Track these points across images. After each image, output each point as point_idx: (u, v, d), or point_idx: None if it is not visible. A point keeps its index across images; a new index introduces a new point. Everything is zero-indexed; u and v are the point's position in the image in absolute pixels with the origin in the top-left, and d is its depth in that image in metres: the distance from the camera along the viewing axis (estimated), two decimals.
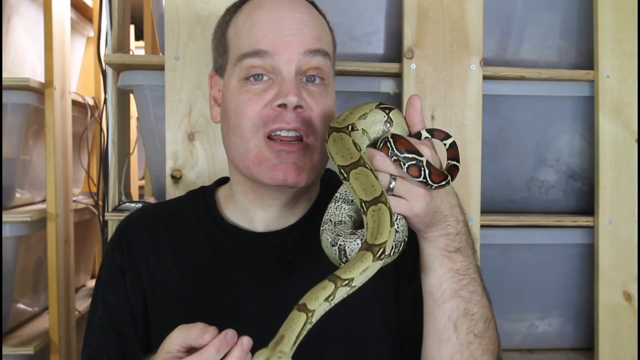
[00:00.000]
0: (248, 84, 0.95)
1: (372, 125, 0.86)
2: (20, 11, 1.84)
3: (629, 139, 1.56)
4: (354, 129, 0.83)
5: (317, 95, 0.96)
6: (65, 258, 1.85)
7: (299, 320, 0.70)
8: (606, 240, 1.55)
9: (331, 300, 0.71)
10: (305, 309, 0.71)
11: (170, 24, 1.43)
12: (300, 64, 0.94)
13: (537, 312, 1.67)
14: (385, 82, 1.55)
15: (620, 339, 1.55)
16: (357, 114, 0.85)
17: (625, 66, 1.56)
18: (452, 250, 0.87)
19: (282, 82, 0.93)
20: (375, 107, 0.86)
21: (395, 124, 0.86)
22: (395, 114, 0.86)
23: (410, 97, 0.87)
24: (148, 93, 1.53)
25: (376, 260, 0.73)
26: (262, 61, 0.94)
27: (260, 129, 0.94)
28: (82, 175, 2.28)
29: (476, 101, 1.51)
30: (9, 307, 1.74)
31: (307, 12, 0.98)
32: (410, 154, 0.78)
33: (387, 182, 0.79)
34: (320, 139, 0.95)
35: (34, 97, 1.73)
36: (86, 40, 2.34)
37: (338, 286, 0.71)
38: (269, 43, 0.94)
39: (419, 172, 0.78)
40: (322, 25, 1.00)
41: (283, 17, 0.95)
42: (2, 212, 1.65)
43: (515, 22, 1.61)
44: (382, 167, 0.79)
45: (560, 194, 1.67)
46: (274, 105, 0.93)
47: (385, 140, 0.80)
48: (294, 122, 0.93)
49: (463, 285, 0.88)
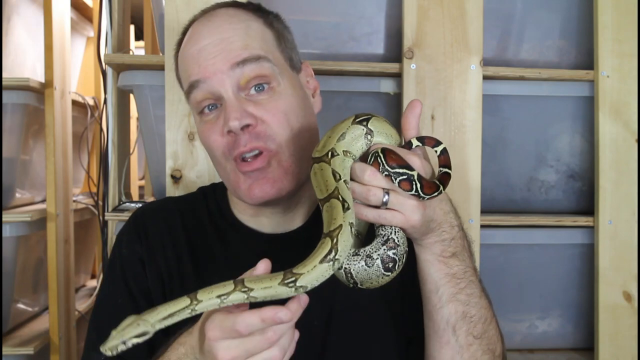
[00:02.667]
0: (204, 116, 0.99)
1: (352, 143, 0.84)
2: (20, 11, 1.84)
3: (629, 139, 1.56)
4: (334, 155, 0.82)
5: (266, 102, 0.95)
6: (65, 258, 1.85)
7: (181, 302, 0.74)
8: (606, 240, 1.55)
9: (224, 300, 0.74)
10: (194, 297, 0.74)
11: (170, 24, 1.43)
12: (234, 79, 0.94)
13: (537, 312, 1.67)
14: (385, 82, 1.55)
15: (620, 339, 1.55)
16: (335, 136, 0.83)
17: (625, 66, 1.56)
18: (448, 256, 0.87)
19: (225, 108, 0.95)
20: (352, 123, 0.84)
21: (376, 133, 0.85)
22: (374, 123, 0.85)
23: (412, 101, 0.86)
24: (148, 93, 1.53)
25: (326, 262, 0.74)
26: (201, 92, 0.96)
27: (228, 156, 0.96)
28: (82, 175, 2.28)
29: (476, 101, 1.51)
30: (9, 307, 1.74)
31: (228, 28, 0.97)
32: (401, 168, 0.79)
33: (381, 197, 0.79)
34: (284, 140, 0.95)
35: (34, 97, 1.73)
36: (86, 40, 2.34)
37: (236, 289, 0.74)
38: (197, 73, 0.96)
39: (411, 186, 0.79)
40: (249, 31, 0.98)
41: (203, 45, 0.97)
42: (2, 212, 1.65)
43: (515, 22, 1.61)
44: (374, 183, 0.79)
45: (560, 194, 1.67)
46: (225, 133, 0.95)
47: (375, 154, 0.80)
48: (249, 142, 0.94)
49: (460, 288, 0.88)
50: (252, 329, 0.73)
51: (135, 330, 0.72)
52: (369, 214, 0.80)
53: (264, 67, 0.96)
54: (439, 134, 1.50)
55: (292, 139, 0.96)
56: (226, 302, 0.74)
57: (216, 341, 0.74)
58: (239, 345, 0.73)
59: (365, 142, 0.84)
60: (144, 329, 0.73)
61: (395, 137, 0.86)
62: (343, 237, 0.74)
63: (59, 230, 1.77)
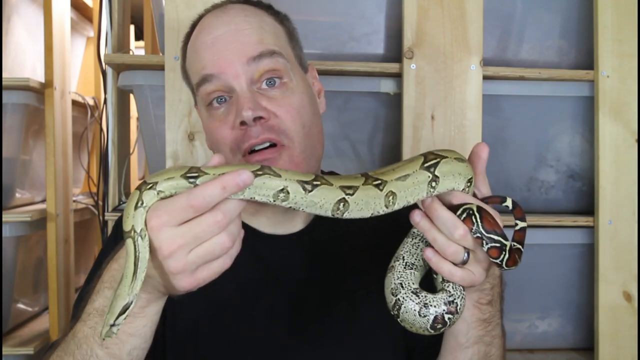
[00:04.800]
0: (212, 109, 0.96)
1: (411, 188, 0.77)
2: (20, 11, 1.84)
3: (629, 139, 1.56)
4: (381, 188, 0.76)
5: (280, 98, 0.94)
6: (65, 258, 1.85)
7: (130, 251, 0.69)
8: (606, 240, 1.55)
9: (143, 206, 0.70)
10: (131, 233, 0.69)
11: (170, 24, 1.43)
12: (249, 74, 0.93)
13: (537, 312, 1.67)
14: (385, 82, 1.55)
15: (620, 339, 1.55)
16: (396, 174, 0.77)
17: (625, 66, 1.55)
18: (485, 303, 0.88)
19: (238, 100, 0.93)
20: (420, 168, 0.77)
21: (443, 178, 0.77)
22: (442, 168, 0.77)
23: (478, 145, 0.83)
24: (148, 93, 1.53)
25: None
26: (213, 85, 0.94)
27: (236, 151, 0.94)
28: (82, 175, 2.28)
29: (476, 101, 1.51)
30: (9, 307, 1.74)
31: (242, 20, 0.96)
32: (496, 235, 0.76)
33: (462, 257, 0.76)
34: (297, 136, 0.94)
35: (34, 97, 1.73)
36: (86, 40, 2.34)
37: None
38: (212, 67, 0.94)
39: (499, 254, 0.76)
40: (264, 25, 0.98)
41: (218, 35, 0.95)
42: (2, 212, 1.65)
43: (515, 22, 1.61)
44: (463, 242, 0.76)
45: (560, 194, 1.67)
46: (236, 125, 0.93)
47: (469, 212, 0.76)
48: (261, 134, 0.92)
49: (487, 331, 0.90)
50: (211, 201, 0.67)
51: (117, 309, 0.69)
52: (444, 268, 0.77)
53: (278, 62, 0.95)
54: (439, 134, 1.50)
55: (303, 136, 0.95)
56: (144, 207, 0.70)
57: (159, 230, 0.68)
58: (187, 232, 0.67)
59: (427, 191, 0.77)
60: (124, 302, 0.69)
61: (464, 173, 0.80)
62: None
63: (59, 230, 1.77)
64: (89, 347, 0.79)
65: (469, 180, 0.80)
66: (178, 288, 0.71)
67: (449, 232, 0.75)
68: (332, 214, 0.74)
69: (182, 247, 0.67)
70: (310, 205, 0.73)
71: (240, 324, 0.97)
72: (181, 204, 0.67)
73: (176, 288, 0.71)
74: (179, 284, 0.70)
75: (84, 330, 0.80)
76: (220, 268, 0.71)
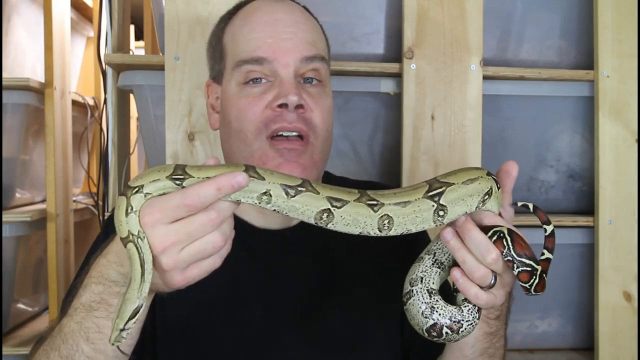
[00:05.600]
0: (247, 87, 0.96)
1: (413, 215, 0.74)
2: (20, 11, 1.84)
3: (629, 139, 1.56)
4: (375, 209, 0.73)
5: (316, 96, 0.97)
6: (65, 258, 1.85)
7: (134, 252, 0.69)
8: (606, 240, 1.55)
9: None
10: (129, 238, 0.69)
11: (170, 24, 1.43)
12: (298, 68, 0.96)
13: (537, 312, 1.67)
14: (385, 82, 1.55)
15: (620, 339, 1.55)
16: (397, 198, 0.74)
17: (625, 66, 1.55)
18: (493, 318, 0.88)
19: (282, 84, 0.94)
20: (423, 197, 0.74)
21: (451, 207, 0.75)
22: (447, 196, 0.75)
23: (508, 163, 0.81)
24: (148, 93, 1.53)
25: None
26: (260, 67, 0.95)
27: (262, 131, 0.94)
28: (82, 175, 2.28)
29: (476, 101, 1.51)
30: (9, 307, 1.73)
31: (301, 15, 1.00)
32: (528, 259, 0.75)
33: (489, 280, 0.75)
34: (321, 136, 0.96)
35: (34, 97, 1.73)
36: (86, 40, 2.34)
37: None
38: (267, 50, 0.95)
39: (530, 279, 0.75)
40: (316, 29, 1.02)
41: (278, 19, 0.96)
42: (2, 212, 1.65)
43: (515, 22, 1.61)
44: (494, 266, 0.74)
45: (560, 194, 1.67)
46: (274, 105, 0.93)
47: (500, 235, 0.74)
48: (295, 121, 0.93)
49: (492, 343, 0.90)
50: (205, 201, 0.67)
51: (127, 313, 0.69)
52: (471, 291, 0.75)
53: (324, 68, 0.99)
54: (439, 134, 1.50)
55: (325, 138, 0.98)
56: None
57: (153, 227, 0.68)
58: (180, 229, 0.67)
59: (433, 220, 0.74)
60: (134, 306, 0.69)
61: (477, 192, 0.76)
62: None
63: (59, 230, 1.77)
64: (75, 341, 0.79)
65: (483, 195, 0.76)
66: (168, 285, 0.71)
67: (480, 255, 0.74)
68: (315, 222, 0.73)
69: (175, 244, 0.67)
70: (292, 210, 0.72)
71: (233, 320, 0.97)
72: (175, 202, 0.67)
73: (166, 285, 0.71)
74: (169, 281, 0.70)
75: (70, 325, 0.80)
76: (210, 267, 0.71)
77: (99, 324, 0.78)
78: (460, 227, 0.75)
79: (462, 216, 0.75)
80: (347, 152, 1.59)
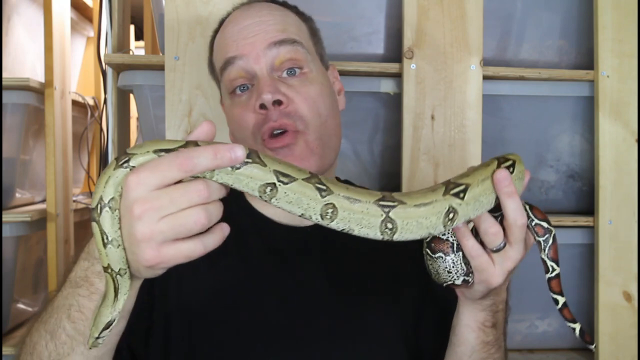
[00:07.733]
0: (235, 97, 1.00)
1: (422, 221, 0.72)
2: (20, 11, 1.84)
3: (629, 139, 1.56)
4: (384, 207, 0.70)
5: (298, 86, 0.98)
6: (65, 258, 1.85)
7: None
8: (606, 240, 1.55)
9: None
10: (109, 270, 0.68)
11: (170, 24, 1.43)
12: (270, 58, 0.97)
13: (537, 312, 1.67)
14: (385, 82, 1.55)
15: (620, 339, 1.55)
16: (414, 201, 0.72)
17: (625, 66, 1.55)
18: (489, 326, 0.89)
19: (258, 84, 0.96)
20: (444, 194, 0.75)
21: (462, 213, 0.76)
22: (462, 208, 0.76)
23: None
24: (148, 93, 1.53)
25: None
26: (236, 69, 0.98)
27: (257, 135, 0.96)
28: (82, 175, 2.28)
29: (476, 101, 1.51)
30: (9, 307, 1.73)
31: (267, 13, 1.01)
32: (545, 222, 0.86)
33: (499, 242, 0.79)
34: (312, 124, 0.97)
35: (34, 97, 1.73)
36: (86, 40, 2.34)
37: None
38: (234, 49, 0.98)
39: (545, 233, 0.88)
40: (288, 19, 1.02)
41: (244, 25, 0.99)
42: (2, 212, 1.65)
43: (515, 22, 1.61)
44: (518, 230, 0.79)
45: (560, 194, 1.67)
46: (256, 109, 0.96)
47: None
48: (279, 118, 0.95)
49: (490, 354, 0.91)
50: (198, 164, 0.62)
51: (101, 325, 0.70)
52: (474, 251, 0.79)
53: (299, 51, 0.98)
54: (439, 134, 1.50)
55: (319, 124, 0.98)
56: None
57: (136, 187, 0.63)
58: (163, 194, 0.62)
59: (442, 226, 0.74)
60: (107, 320, 0.69)
61: (489, 191, 0.78)
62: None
63: (59, 230, 1.77)
64: (59, 317, 0.78)
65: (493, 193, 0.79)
66: (139, 261, 0.65)
67: (513, 219, 0.78)
68: (259, 195, 0.68)
69: (155, 209, 0.62)
70: (236, 181, 0.67)
71: (248, 310, 0.97)
72: (167, 160, 0.63)
73: (137, 262, 0.65)
74: (141, 253, 0.64)
75: (58, 300, 0.79)
76: (189, 252, 0.64)
77: (80, 302, 0.76)
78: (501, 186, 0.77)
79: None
80: (347, 152, 1.59)
